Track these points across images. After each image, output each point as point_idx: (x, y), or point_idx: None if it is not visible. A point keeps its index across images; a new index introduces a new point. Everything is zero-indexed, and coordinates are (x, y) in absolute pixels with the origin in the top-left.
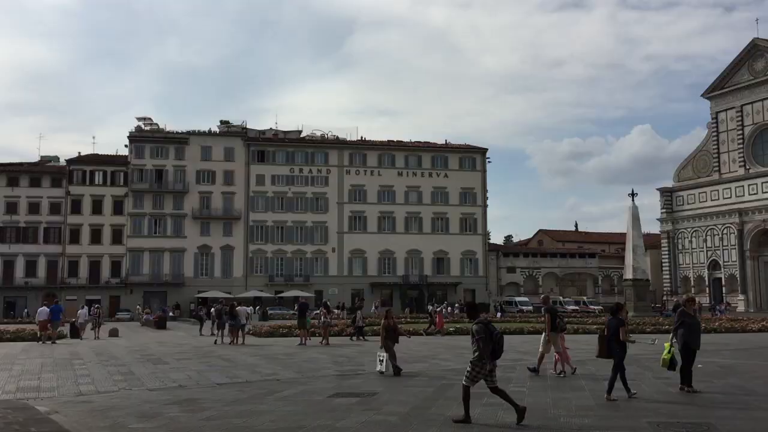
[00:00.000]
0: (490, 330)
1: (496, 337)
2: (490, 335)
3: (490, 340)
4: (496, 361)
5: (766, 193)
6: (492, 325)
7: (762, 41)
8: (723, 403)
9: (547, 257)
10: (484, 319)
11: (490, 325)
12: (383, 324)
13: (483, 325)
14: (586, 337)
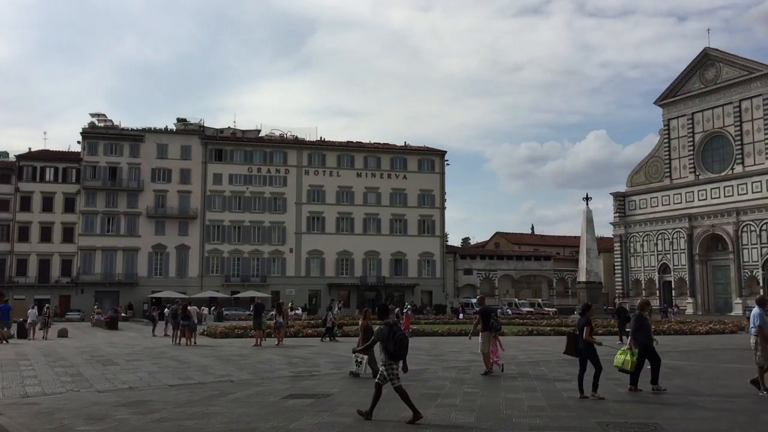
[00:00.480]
0: (393, 331)
1: (398, 339)
2: (393, 336)
3: (392, 341)
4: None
5: (714, 199)
6: (397, 326)
7: (713, 51)
8: (670, 403)
9: (503, 259)
10: (391, 320)
11: (394, 327)
12: (361, 324)
13: (387, 327)
14: (540, 339)
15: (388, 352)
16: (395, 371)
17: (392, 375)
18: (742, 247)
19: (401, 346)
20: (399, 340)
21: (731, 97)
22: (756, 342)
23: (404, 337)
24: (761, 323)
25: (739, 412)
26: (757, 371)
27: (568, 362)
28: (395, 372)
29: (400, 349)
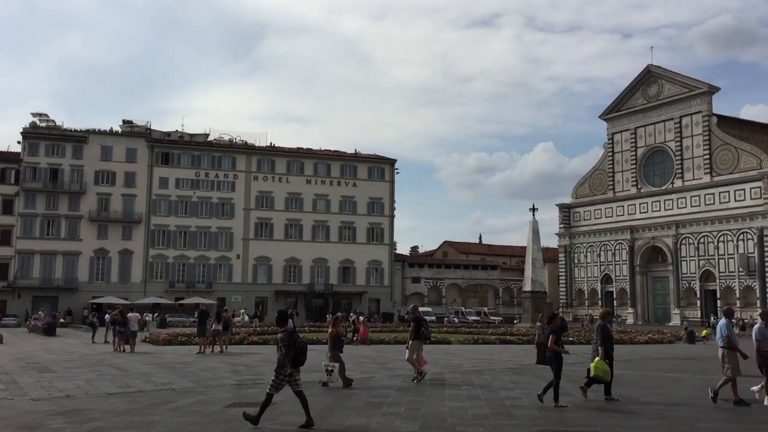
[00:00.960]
0: (293, 339)
1: (299, 346)
2: (294, 344)
3: (292, 348)
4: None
5: (655, 212)
6: (297, 334)
7: (656, 68)
8: (610, 411)
9: (451, 268)
10: (290, 327)
11: (294, 334)
12: (331, 332)
13: (288, 334)
14: (485, 347)
15: (290, 359)
16: (296, 377)
17: (293, 381)
18: (681, 260)
19: (301, 353)
20: (300, 348)
21: (672, 114)
22: (723, 354)
23: (305, 344)
24: (728, 333)
25: (676, 421)
26: (722, 382)
27: (512, 371)
28: (296, 378)
29: (300, 356)
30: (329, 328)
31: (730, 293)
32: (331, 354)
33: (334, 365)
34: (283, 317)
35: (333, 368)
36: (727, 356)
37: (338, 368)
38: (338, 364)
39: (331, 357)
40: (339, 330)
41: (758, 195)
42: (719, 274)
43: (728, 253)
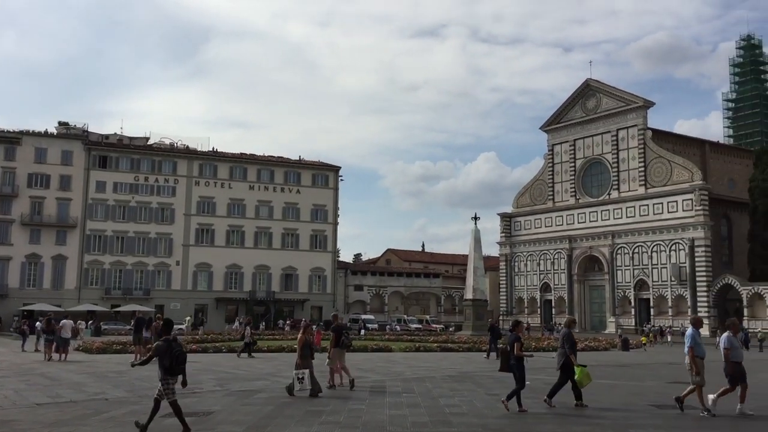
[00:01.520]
0: (171, 347)
1: (176, 354)
2: (171, 352)
3: (168, 355)
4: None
5: (593, 222)
6: (176, 342)
7: (594, 82)
8: (546, 416)
9: (394, 276)
10: (171, 337)
11: (173, 343)
12: (300, 339)
13: (167, 342)
14: (426, 355)
15: (165, 367)
16: (171, 386)
17: (168, 390)
18: (617, 269)
19: (179, 362)
20: (177, 356)
21: (609, 127)
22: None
23: (182, 352)
24: (692, 344)
25: (609, 426)
26: (688, 390)
27: (452, 378)
28: (171, 387)
29: (178, 364)
30: (299, 335)
31: (662, 302)
32: (300, 362)
33: (304, 372)
34: (167, 325)
35: (303, 375)
36: (694, 365)
37: (308, 376)
38: (308, 370)
39: (300, 365)
40: (308, 337)
41: (690, 207)
42: (653, 283)
43: (661, 262)
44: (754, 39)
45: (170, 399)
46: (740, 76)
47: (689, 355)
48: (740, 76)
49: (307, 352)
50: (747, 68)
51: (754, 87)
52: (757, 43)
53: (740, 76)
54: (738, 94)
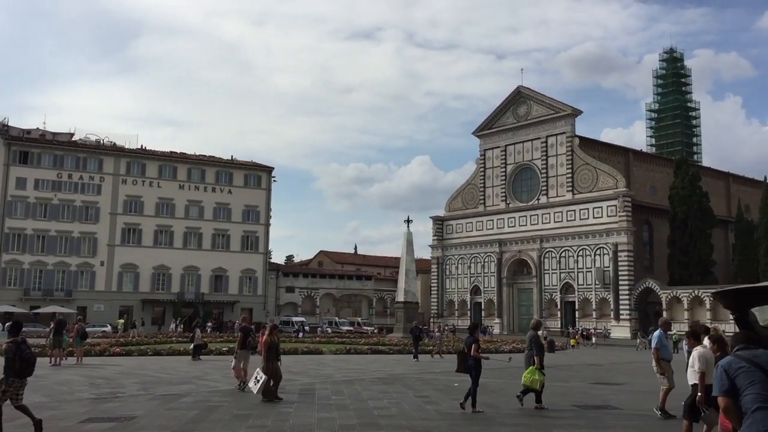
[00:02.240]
0: (21, 349)
1: (26, 357)
2: (20, 354)
3: (18, 359)
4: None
5: (522, 226)
6: (24, 345)
7: (525, 89)
8: (471, 419)
9: (326, 278)
10: (20, 338)
11: (22, 345)
12: (266, 341)
13: (15, 345)
14: (357, 357)
15: (14, 369)
16: (19, 390)
17: (16, 395)
18: (544, 272)
19: (28, 364)
20: (26, 358)
21: (539, 133)
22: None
23: (32, 355)
24: (658, 345)
25: (533, 427)
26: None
27: (382, 381)
28: (19, 391)
29: (27, 367)
30: (263, 337)
31: (587, 305)
32: (264, 364)
33: (263, 376)
34: (16, 327)
35: (261, 379)
36: (662, 367)
37: (264, 380)
38: (266, 376)
39: (263, 367)
40: (275, 339)
41: (614, 213)
42: (578, 287)
43: (586, 266)
44: (676, 52)
45: (17, 404)
46: (663, 88)
47: (654, 357)
48: (663, 87)
49: (273, 354)
50: (669, 80)
51: (676, 98)
52: (679, 57)
53: (663, 88)
54: (660, 104)
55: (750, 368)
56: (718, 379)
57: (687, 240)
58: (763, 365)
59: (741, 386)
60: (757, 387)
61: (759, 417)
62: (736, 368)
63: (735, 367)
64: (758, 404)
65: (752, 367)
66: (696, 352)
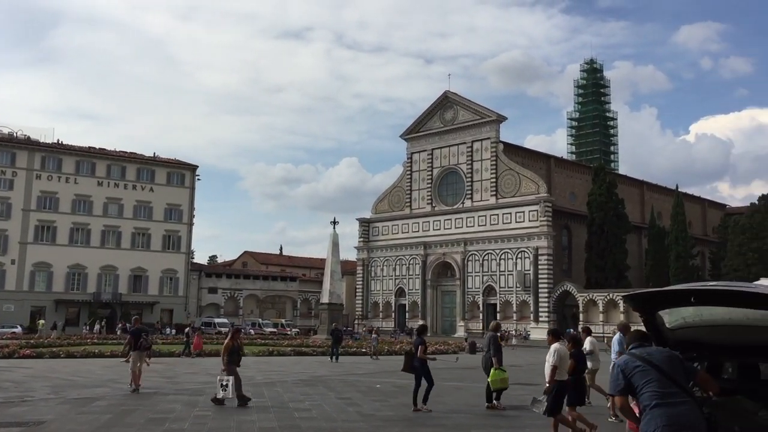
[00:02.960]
0: None
1: None
2: None
3: None
4: None
5: (447, 229)
6: None
7: (452, 94)
8: (393, 420)
9: (250, 279)
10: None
11: None
12: (227, 344)
13: None
14: (280, 359)
15: None
16: None
17: None
18: (467, 275)
19: None
20: None
21: (465, 138)
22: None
23: None
24: (621, 350)
25: (452, 428)
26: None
27: (304, 383)
28: None
29: None
30: (226, 341)
31: (508, 307)
32: (226, 368)
33: (228, 379)
34: None
35: (228, 382)
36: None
37: (234, 383)
38: (232, 377)
39: (226, 371)
40: (237, 343)
41: (535, 218)
42: (500, 289)
43: (508, 270)
44: (596, 63)
45: None
46: (583, 97)
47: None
48: (583, 97)
49: (234, 358)
50: (589, 90)
51: (595, 108)
52: (599, 67)
53: (583, 97)
54: (581, 113)
55: (645, 367)
56: (614, 379)
57: (603, 245)
58: (658, 363)
59: (638, 385)
60: (653, 385)
61: (657, 413)
62: (632, 367)
63: (631, 366)
64: (655, 401)
65: (647, 366)
66: (552, 348)
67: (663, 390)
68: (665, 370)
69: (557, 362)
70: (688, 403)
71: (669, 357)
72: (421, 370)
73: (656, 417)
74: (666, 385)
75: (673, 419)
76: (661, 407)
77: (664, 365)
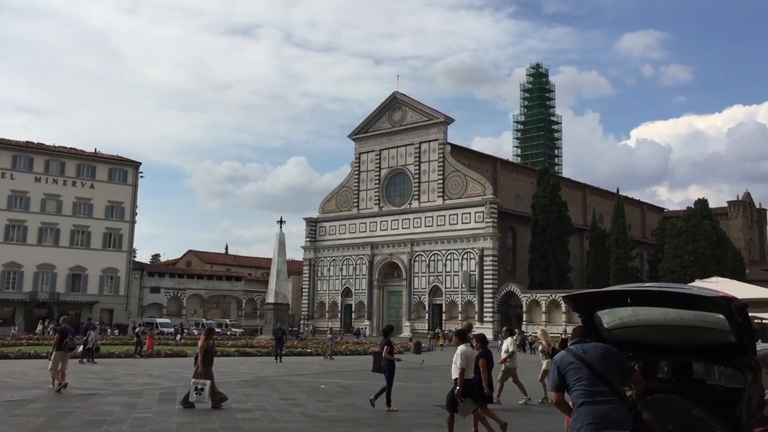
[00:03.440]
0: None
1: None
2: None
3: None
4: None
5: (394, 230)
6: None
7: (401, 95)
8: (336, 421)
9: (194, 278)
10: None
11: None
12: (202, 345)
13: None
14: (224, 360)
15: None
16: None
17: None
18: (414, 275)
19: None
20: None
21: (413, 139)
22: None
23: None
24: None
25: (395, 427)
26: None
27: (248, 383)
28: None
29: None
30: (200, 342)
31: (453, 307)
32: (201, 370)
33: (205, 383)
34: None
35: (204, 386)
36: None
37: (209, 386)
38: (209, 381)
39: (201, 373)
40: (212, 343)
41: (481, 219)
42: (445, 290)
43: (454, 270)
44: (542, 68)
45: None
46: (529, 101)
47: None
48: (529, 100)
49: (209, 360)
50: (535, 94)
51: (540, 112)
52: (545, 72)
53: (529, 101)
54: (527, 117)
55: (577, 365)
56: (551, 375)
57: (547, 246)
58: (590, 361)
59: (570, 382)
60: (583, 383)
61: (584, 411)
62: (567, 364)
63: (566, 362)
64: (583, 399)
65: (579, 364)
66: (459, 350)
67: (591, 389)
68: (596, 368)
69: (464, 364)
70: (616, 402)
71: (604, 354)
72: (387, 371)
73: (583, 415)
74: (595, 384)
75: (598, 418)
76: (587, 405)
77: (596, 363)
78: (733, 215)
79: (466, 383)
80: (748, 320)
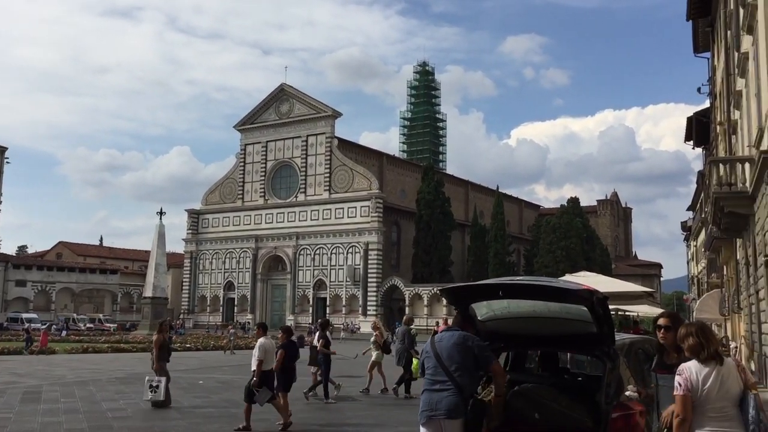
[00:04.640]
0: None
1: None
2: None
3: None
4: None
5: (279, 223)
6: None
7: (289, 87)
8: (213, 417)
9: (65, 271)
10: None
11: None
12: (156, 340)
13: None
14: (96, 356)
15: None
16: None
17: None
18: (299, 269)
19: None
20: None
21: (300, 132)
22: None
23: None
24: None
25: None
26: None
27: (120, 381)
28: None
29: None
30: (155, 336)
31: (338, 301)
32: (157, 366)
33: (160, 380)
34: None
35: (159, 383)
36: None
37: (165, 383)
38: (165, 378)
39: (157, 370)
40: (166, 337)
41: (367, 213)
42: (330, 283)
43: (339, 264)
44: (428, 66)
45: None
46: (416, 98)
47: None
48: (416, 98)
49: (165, 355)
50: (422, 91)
51: (426, 109)
52: (431, 70)
53: (416, 98)
54: (413, 113)
55: (429, 354)
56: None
57: (430, 241)
58: (438, 351)
59: (423, 369)
60: (430, 371)
61: (423, 398)
62: (424, 353)
63: (424, 352)
64: (425, 387)
65: (430, 353)
66: (258, 342)
67: (432, 377)
68: (442, 358)
69: (262, 356)
70: (450, 390)
71: (455, 345)
72: (323, 363)
73: (421, 402)
74: (436, 373)
75: (429, 405)
76: (426, 392)
77: (443, 353)
78: (602, 213)
79: (264, 374)
80: (608, 312)
